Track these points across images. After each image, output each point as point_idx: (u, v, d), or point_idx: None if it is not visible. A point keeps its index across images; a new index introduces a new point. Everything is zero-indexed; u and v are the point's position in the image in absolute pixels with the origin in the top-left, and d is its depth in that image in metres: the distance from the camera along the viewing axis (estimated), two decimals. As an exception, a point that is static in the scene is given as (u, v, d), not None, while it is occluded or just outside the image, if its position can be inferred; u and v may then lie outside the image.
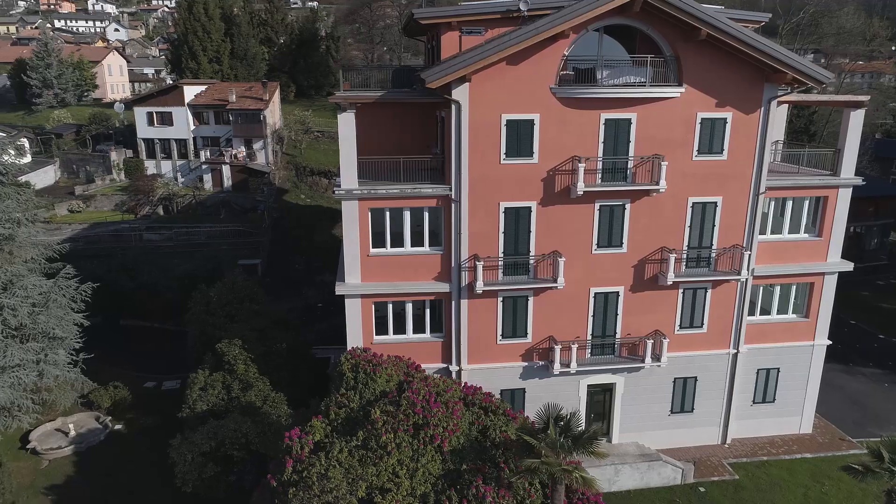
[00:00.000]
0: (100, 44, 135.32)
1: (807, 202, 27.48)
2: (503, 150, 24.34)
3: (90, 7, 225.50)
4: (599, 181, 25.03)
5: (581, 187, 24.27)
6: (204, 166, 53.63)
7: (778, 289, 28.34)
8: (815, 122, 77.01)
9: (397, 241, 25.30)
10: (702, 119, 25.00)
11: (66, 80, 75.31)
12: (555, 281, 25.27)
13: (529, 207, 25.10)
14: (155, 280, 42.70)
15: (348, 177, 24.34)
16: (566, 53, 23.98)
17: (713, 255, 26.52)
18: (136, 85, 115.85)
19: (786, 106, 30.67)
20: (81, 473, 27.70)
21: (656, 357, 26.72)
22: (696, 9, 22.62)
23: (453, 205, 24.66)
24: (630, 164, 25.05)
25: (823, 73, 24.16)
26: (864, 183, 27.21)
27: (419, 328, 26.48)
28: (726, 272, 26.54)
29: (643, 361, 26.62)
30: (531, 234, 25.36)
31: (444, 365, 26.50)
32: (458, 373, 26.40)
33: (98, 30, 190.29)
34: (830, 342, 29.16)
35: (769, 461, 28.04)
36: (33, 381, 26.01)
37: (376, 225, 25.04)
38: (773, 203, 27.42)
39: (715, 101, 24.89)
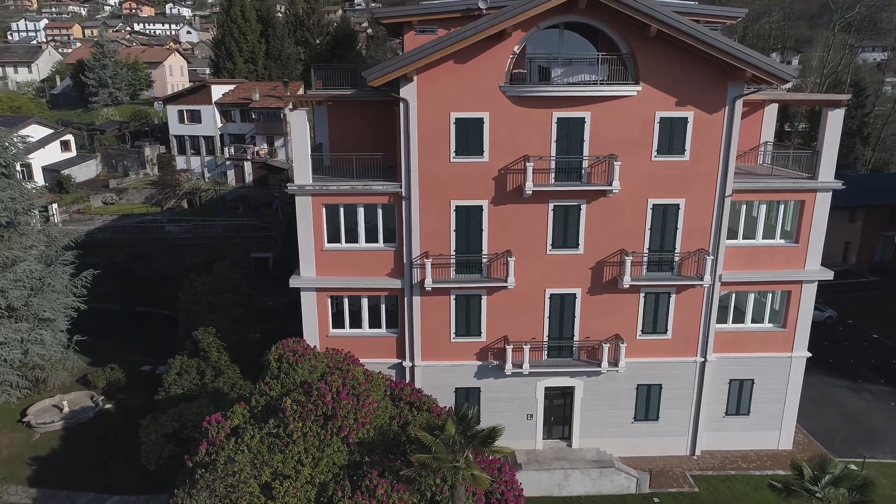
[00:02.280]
0: (171, 45, 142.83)
1: (782, 206, 26.19)
2: (453, 148, 24.40)
3: (168, 11, 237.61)
4: (553, 181, 24.70)
5: (530, 186, 24.03)
6: (227, 162, 55.88)
7: (752, 297, 27.12)
8: (870, 123, 72.22)
9: (352, 236, 25.79)
10: (661, 118, 24.24)
11: (119, 80, 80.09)
12: (505, 280, 25.11)
13: (481, 206, 25.04)
14: (167, 270, 44.83)
15: (301, 172, 25.00)
16: (516, 51, 23.79)
17: (676, 259, 25.66)
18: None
19: (775, 105, 29.19)
20: (65, 447, 29.61)
21: (613, 362, 26.09)
22: (641, 3, 21.96)
23: (404, 202, 24.92)
24: (585, 164, 24.60)
25: (785, 70, 22.96)
26: (843, 187, 25.63)
27: (375, 323, 26.88)
28: (689, 277, 25.63)
29: (600, 366, 26.06)
30: (483, 232, 25.29)
31: (399, 360, 26.82)
32: (412, 369, 26.67)
33: (172, 32, 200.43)
34: (810, 354, 27.64)
35: (736, 476, 26.88)
36: (19, 358, 27.97)
37: (331, 220, 25.60)
38: (745, 206, 26.31)
39: (675, 100, 24.09)
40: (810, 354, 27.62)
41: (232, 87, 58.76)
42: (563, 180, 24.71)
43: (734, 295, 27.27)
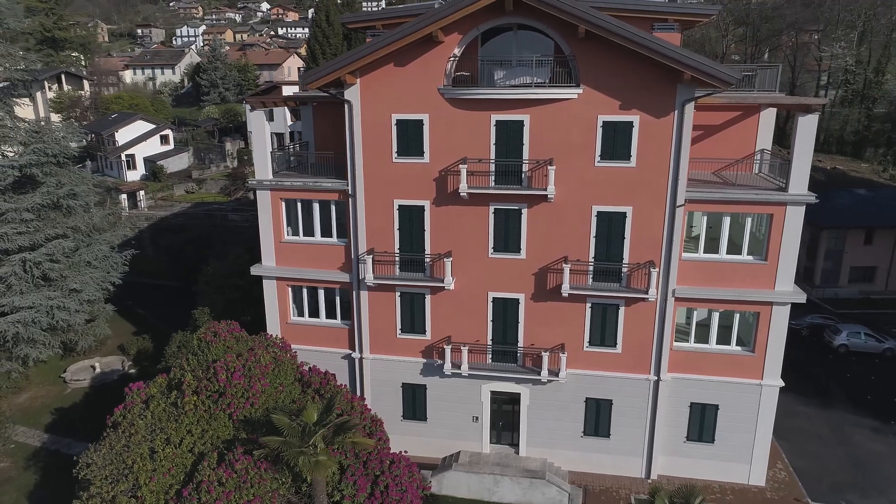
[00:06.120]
0: (303, 49, 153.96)
1: (749, 219, 24.03)
2: (395, 149, 25.03)
3: (310, 15, 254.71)
4: (493, 183, 24.55)
5: (464, 188, 24.11)
6: (292, 158, 59.70)
7: (716, 316, 25.13)
8: None
9: (309, 230, 27.26)
10: (604, 122, 23.28)
11: (228, 81, 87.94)
12: (442, 281, 25.34)
13: (423, 206, 25.44)
14: (215, 254, 49.13)
15: (261, 169, 26.86)
16: (457, 53, 23.93)
17: (624, 269, 24.47)
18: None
19: (772, 110, 26.66)
20: (84, 402, 33.88)
21: (554, 371, 25.42)
22: (564, 3, 21.26)
23: (350, 199, 25.94)
24: (525, 168, 24.20)
25: (727, 72, 21.06)
26: (816, 200, 23.02)
27: (331, 314, 28.16)
28: (637, 290, 24.33)
29: (539, 374, 25.50)
30: (425, 232, 25.66)
31: (350, 351, 27.91)
32: (361, 361, 27.65)
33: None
34: (783, 384, 25.08)
35: (686, 506, 25.07)
36: (47, 321, 32.49)
37: (289, 214, 27.26)
38: (705, 218, 24.48)
39: (619, 103, 23.02)
40: (783, 384, 25.09)
41: (304, 87, 62.62)
42: (503, 183, 24.47)
43: (695, 312, 25.41)
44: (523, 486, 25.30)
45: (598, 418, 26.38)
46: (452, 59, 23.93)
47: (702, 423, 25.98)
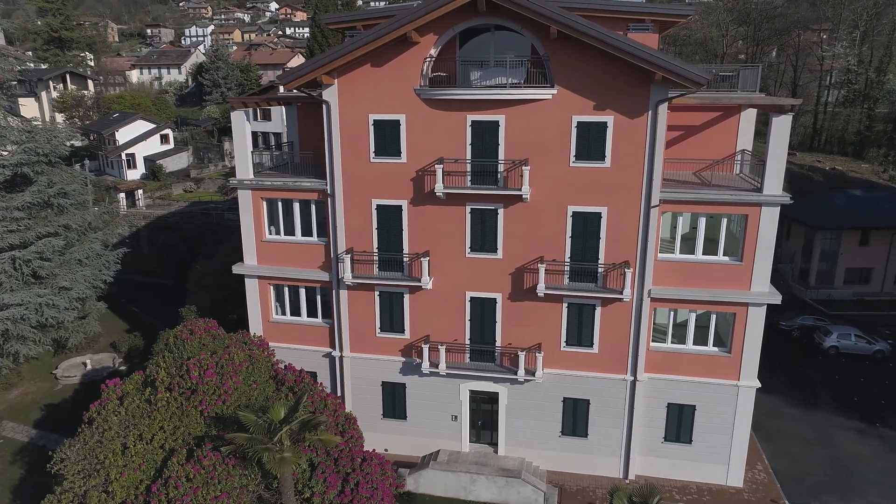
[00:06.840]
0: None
1: (724, 220, 24.00)
2: (372, 149, 25.20)
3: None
4: (469, 184, 24.65)
5: (440, 188, 24.24)
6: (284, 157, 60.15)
7: (693, 316, 25.11)
8: None
9: (290, 229, 27.47)
10: (578, 122, 23.33)
11: (230, 80, 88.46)
12: (420, 280, 25.48)
13: (400, 206, 25.58)
14: (209, 252, 49.54)
15: (242, 168, 27.12)
16: (433, 53, 24.05)
17: (600, 270, 24.51)
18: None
19: (753, 111, 26.61)
20: (74, 398, 34.20)
21: (530, 371, 25.50)
22: (535, 3, 21.33)
23: (329, 199, 26.13)
24: (501, 168, 24.29)
25: (697, 72, 21.05)
26: (791, 202, 22.96)
27: (312, 312, 28.37)
28: (613, 290, 24.37)
29: (516, 374, 25.59)
30: (403, 232, 25.81)
31: (330, 350, 28.11)
32: (341, 359, 27.85)
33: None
34: (760, 385, 25.03)
35: (662, 506, 25.07)
36: (36, 318, 32.91)
37: (270, 213, 27.49)
38: (681, 218, 24.48)
39: (593, 104, 23.07)
40: (760, 385, 25.03)
41: (302, 87, 62.94)
42: (479, 184, 24.57)
43: (673, 313, 25.40)
44: (499, 484, 25.40)
45: (575, 418, 26.43)
46: (429, 59, 24.05)
47: (679, 423, 25.97)
